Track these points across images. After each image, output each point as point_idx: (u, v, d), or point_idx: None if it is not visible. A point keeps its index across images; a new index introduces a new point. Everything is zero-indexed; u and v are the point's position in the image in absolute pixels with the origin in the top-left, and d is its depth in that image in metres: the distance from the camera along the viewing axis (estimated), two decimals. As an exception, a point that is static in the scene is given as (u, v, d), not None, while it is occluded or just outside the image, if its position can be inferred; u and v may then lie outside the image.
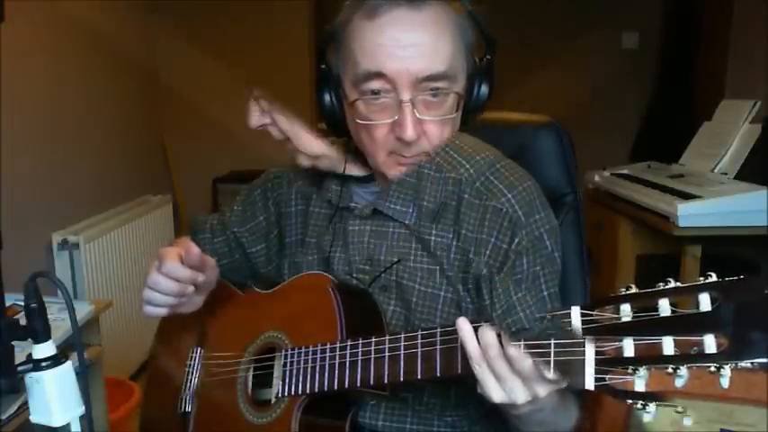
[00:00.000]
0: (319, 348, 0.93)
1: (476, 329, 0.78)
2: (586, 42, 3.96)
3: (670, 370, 0.63)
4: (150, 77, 3.45)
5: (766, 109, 2.51)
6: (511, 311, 0.95)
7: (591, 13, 3.92)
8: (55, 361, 0.77)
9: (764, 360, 0.61)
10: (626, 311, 0.68)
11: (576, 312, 0.69)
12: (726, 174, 2.46)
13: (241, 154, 3.53)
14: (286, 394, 0.95)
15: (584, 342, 0.71)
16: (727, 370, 0.60)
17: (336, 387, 0.91)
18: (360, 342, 0.90)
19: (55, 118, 2.51)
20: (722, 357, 0.60)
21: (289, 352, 0.97)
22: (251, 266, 1.22)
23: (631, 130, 3.98)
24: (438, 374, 0.83)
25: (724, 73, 3.18)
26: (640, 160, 3.05)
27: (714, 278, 0.64)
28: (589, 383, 0.70)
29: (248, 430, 1.00)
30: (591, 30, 3.95)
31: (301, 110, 1.07)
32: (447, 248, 0.99)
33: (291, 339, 0.99)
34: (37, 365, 0.76)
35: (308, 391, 0.93)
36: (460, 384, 0.98)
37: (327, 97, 1.01)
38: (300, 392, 0.94)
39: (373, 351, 0.88)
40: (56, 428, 0.77)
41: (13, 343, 0.76)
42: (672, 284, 0.66)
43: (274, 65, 3.53)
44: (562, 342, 0.73)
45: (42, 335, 0.77)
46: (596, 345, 0.71)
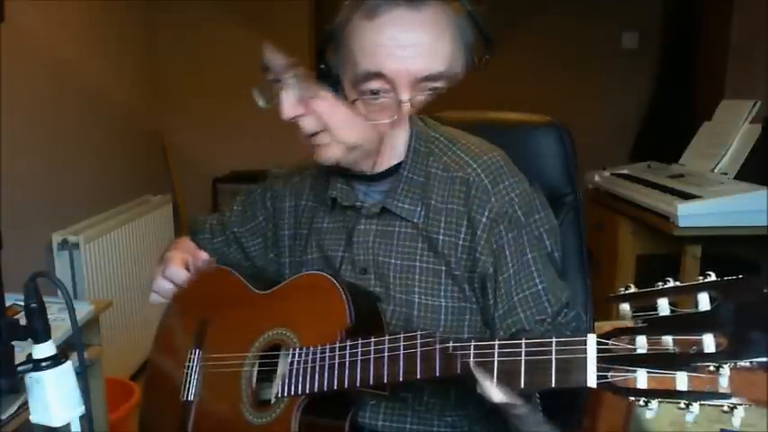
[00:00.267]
0: (319, 349, 0.93)
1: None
2: (586, 42, 3.96)
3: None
4: (150, 77, 3.45)
5: (766, 109, 2.51)
6: (511, 312, 0.97)
7: (591, 13, 3.92)
8: (55, 361, 0.77)
9: (764, 359, 0.61)
10: (625, 310, 0.69)
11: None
12: (726, 174, 2.46)
13: (241, 154, 3.53)
14: (285, 394, 0.95)
15: (585, 340, 0.72)
16: (726, 369, 0.60)
17: (336, 387, 0.91)
18: (359, 342, 0.90)
19: (55, 118, 2.51)
20: (721, 357, 0.60)
21: (296, 351, 0.97)
22: (247, 260, 1.23)
23: (631, 130, 3.98)
24: (437, 375, 0.83)
25: (724, 73, 3.18)
26: (640, 160, 3.05)
27: (713, 278, 0.64)
28: (591, 381, 0.70)
29: (248, 430, 0.99)
30: (591, 30, 3.95)
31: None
32: (455, 247, 1.00)
33: (300, 338, 0.98)
34: (37, 365, 0.77)
35: (308, 392, 0.93)
36: (460, 384, 0.98)
37: None
38: (300, 392, 0.94)
39: (373, 351, 0.88)
40: (56, 428, 0.77)
41: (13, 343, 0.76)
42: (671, 284, 0.66)
43: (274, 65, 3.52)
44: (564, 340, 0.74)
45: (42, 335, 0.77)
46: (598, 343, 0.71)
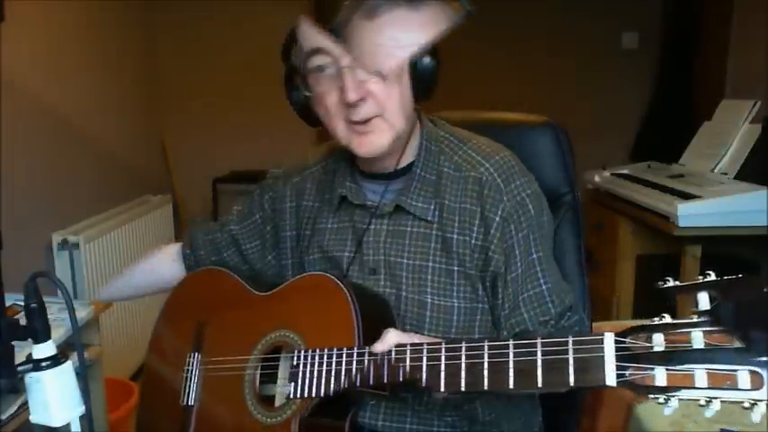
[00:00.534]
0: (335, 352, 0.92)
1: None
2: (586, 42, 3.95)
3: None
4: (150, 77, 3.44)
5: (766, 109, 2.51)
6: (515, 312, 0.99)
7: (591, 13, 3.91)
8: (55, 361, 0.77)
9: (764, 358, 0.61)
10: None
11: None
12: (726, 174, 2.46)
13: (241, 154, 3.52)
14: (299, 396, 0.94)
15: (602, 338, 0.71)
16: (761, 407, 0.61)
17: (348, 389, 0.91)
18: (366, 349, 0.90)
19: (54, 118, 2.51)
20: (740, 354, 0.61)
21: (302, 353, 0.96)
22: (245, 264, 1.22)
23: (631, 130, 3.97)
24: (463, 389, 0.82)
25: (724, 73, 3.17)
26: (640, 160, 3.05)
27: (713, 276, 0.64)
28: (611, 379, 0.70)
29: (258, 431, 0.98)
30: (591, 30, 3.94)
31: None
32: (469, 247, 1.01)
33: (305, 340, 0.98)
34: (37, 365, 0.77)
35: (322, 394, 0.92)
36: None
37: (295, 94, 1.02)
38: (314, 395, 0.93)
39: (393, 359, 0.87)
40: (56, 428, 0.77)
41: (13, 343, 0.76)
42: (672, 283, 0.66)
43: (274, 65, 3.51)
44: (580, 339, 0.73)
45: (42, 335, 0.77)
46: (615, 341, 0.71)
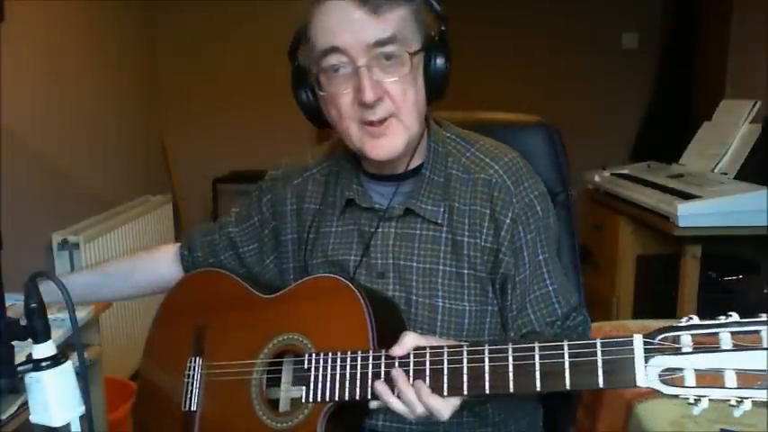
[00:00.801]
0: (349, 355, 0.92)
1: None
2: (586, 42, 3.95)
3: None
4: (150, 77, 3.44)
5: (766, 109, 2.51)
6: (522, 313, 1.00)
7: (591, 14, 3.91)
8: (55, 361, 0.77)
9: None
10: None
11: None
12: (726, 174, 2.46)
13: (241, 154, 3.52)
14: (311, 400, 0.93)
15: (632, 340, 0.72)
16: None
17: (367, 396, 0.90)
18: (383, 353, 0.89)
19: (54, 118, 2.51)
20: None
21: (313, 356, 0.95)
22: (242, 267, 1.21)
23: (631, 130, 3.97)
24: (487, 392, 0.83)
25: (724, 73, 3.17)
26: (640, 160, 3.05)
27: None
28: (641, 381, 0.70)
29: None
30: (591, 30, 3.94)
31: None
32: (479, 249, 1.01)
33: (315, 343, 0.96)
34: (37, 365, 0.77)
35: (337, 398, 0.92)
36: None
37: (303, 94, 1.02)
38: (329, 399, 0.92)
39: (412, 363, 0.87)
40: (56, 428, 0.77)
41: (13, 343, 0.76)
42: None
43: (274, 65, 3.51)
44: (608, 341, 0.74)
45: (42, 335, 0.77)
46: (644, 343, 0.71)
